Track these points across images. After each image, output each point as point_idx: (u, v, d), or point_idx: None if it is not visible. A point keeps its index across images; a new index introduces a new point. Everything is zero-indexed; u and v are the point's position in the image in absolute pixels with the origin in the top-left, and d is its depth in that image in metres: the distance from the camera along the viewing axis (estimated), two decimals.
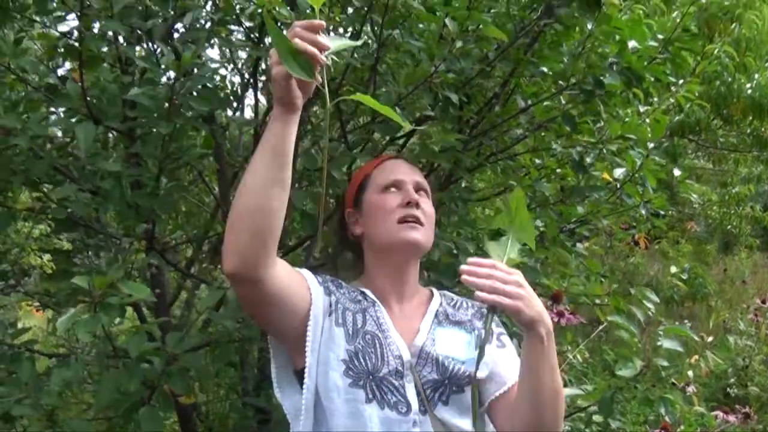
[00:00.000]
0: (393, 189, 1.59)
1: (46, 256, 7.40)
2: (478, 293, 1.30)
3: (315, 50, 1.21)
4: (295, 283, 1.45)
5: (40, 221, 7.02)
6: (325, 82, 1.25)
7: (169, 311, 3.08)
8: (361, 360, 1.45)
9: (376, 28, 2.27)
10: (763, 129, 6.07)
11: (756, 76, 5.53)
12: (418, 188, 1.62)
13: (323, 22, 1.23)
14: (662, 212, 2.85)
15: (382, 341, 1.48)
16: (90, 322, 1.54)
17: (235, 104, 3.55)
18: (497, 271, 1.33)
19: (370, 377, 1.43)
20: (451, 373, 1.49)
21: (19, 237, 6.07)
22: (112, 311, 1.57)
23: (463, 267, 1.34)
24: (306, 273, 1.52)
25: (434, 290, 1.69)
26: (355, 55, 2.15)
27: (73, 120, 2.15)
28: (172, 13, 2.16)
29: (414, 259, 1.62)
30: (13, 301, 4.09)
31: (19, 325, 2.70)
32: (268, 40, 2.86)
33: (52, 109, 2.53)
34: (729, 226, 8.34)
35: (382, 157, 1.74)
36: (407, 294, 1.61)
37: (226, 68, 4.23)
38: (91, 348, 3.07)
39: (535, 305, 1.34)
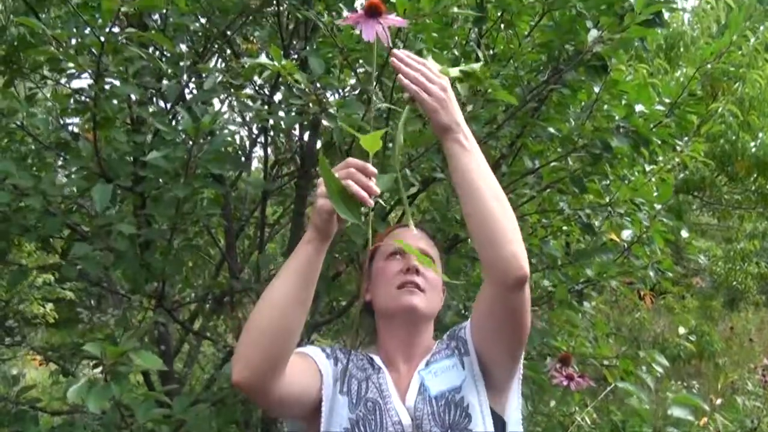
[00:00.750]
0: (397, 256, 1.60)
1: (50, 305, 7.40)
2: (401, 78, 1.32)
3: (366, 195, 1.23)
4: (304, 374, 1.46)
5: (45, 270, 7.01)
6: (370, 223, 1.28)
7: (172, 365, 3.07)
8: (362, 428, 1.44)
9: (385, 90, 2.30)
10: (767, 186, 6.09)
11: (760, 134, 5.58)
12: None
13: (375, 170, 1.27)
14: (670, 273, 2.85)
15: (382, 408, 1.48)
16: (102, 393, 1.52)
17: (244, 161, 3.59)
18: (426, 69, 1.35)
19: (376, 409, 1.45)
20: (452, 420, 1.47)
21: (23, 286, 6.07)
22: (123, 381, 1.57)
23: (396, 52, 1.36)
24: (313, 353, 1.51)
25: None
26: (366, 118, 2.17)
27: (85, 174, 2.18)
28: (185, 74, 2.19)
29: (417, 323, 1.60)
30: (17, 354, 4.07)
31: (23, 379, 2.68)
32: (277, 97, 2.90)
33: (62, 164, 2.56)
34: (734, 282, 8.30)
35: (395, 226, 1.74)
36: (417, 355, 1.60)
37: (235, 123, 4.30)
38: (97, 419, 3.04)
39: (453, 113, 1.37)
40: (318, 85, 2.07)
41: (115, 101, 2.18)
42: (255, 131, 3.76)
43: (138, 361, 1.55)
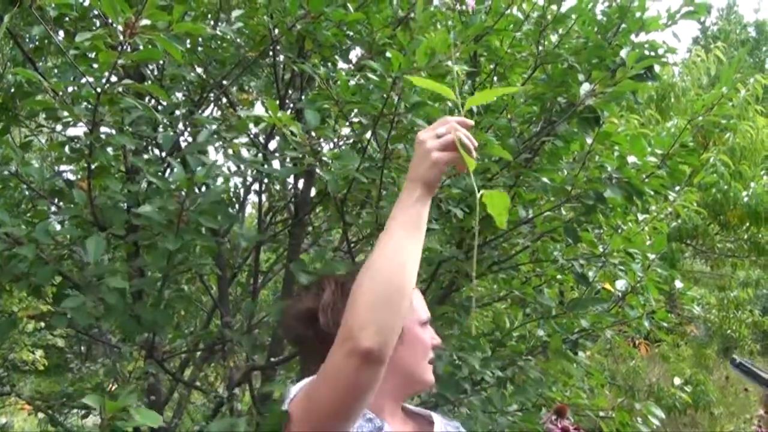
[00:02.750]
0: (427, 325, 1.54)
1: (39, 352, 7.32)
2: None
3: (471, 146, 1.27)
4: None
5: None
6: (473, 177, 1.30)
7: (162, 415, 3.02)
8: None
9: (380, 141, 2.31)
10: (760, 235, 6.11)
11: (752, 184, 5.62)
12: None
13: (472, 122, 1.30)
14: (665, 323, 2.84)
15: None
16: None
17: (238, 214, 3.59)
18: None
19: None
20: None
21: (13, 333, 6.02)
22: None
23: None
24: None
25: (432, 413, 1.66)
26: (360, 169, 2.18)
27: (78, 223, 2.17)
28: (181, 126, 2.21)
29: None
30: (5, 402, 4.01)
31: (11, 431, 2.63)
32: (272, 145, 2.92)
33: (55, 210, 2.56)
34: (729, 331, 8.28)
35: None
36: (399, 415, 1.57)
37: (230, 171, 4.31)
38: None
39: None
40: (313, 135, 2.09)
41: (110, 150, 2.19)
42: (249, 179, 3.78)
43: (138, 417, 1.52)
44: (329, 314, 1.43)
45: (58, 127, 2.68)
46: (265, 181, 3.96)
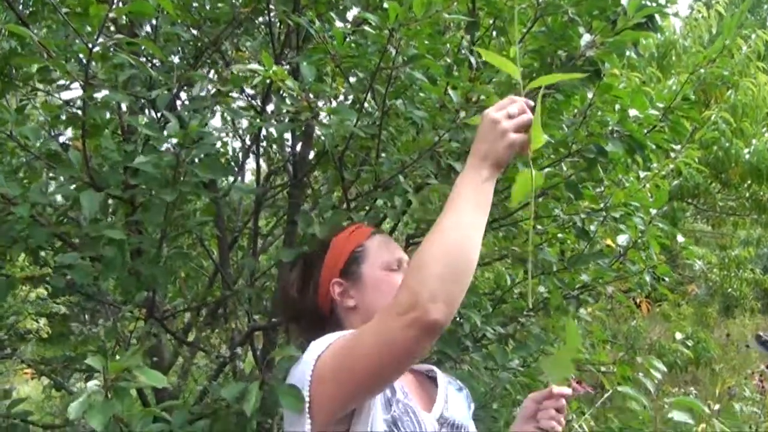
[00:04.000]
0: (397, 268, 1.56)
1: (43, 320, 7.36)
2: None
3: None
4: None
5: (37, 285, 7.00)
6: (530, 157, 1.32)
7: (166, 379, 3.03)
8: (401, 428, 1.40)
9: (378, 98, 2.29)
10: (761, 193, 6.09)
11: (754, 141, 5.58)
12: None
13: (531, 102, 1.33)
14: (666, 278, 2.83)
15: (414, 410, 1.45)
16: (104, 409, 1.48)
17: (236, 170, 3.57)
18: None
19: None
20: None
21: (16, 301, 6.05)
22: (125, 396, 1.53)
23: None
24: None
25: (432, 368, 1.67)
26: (359, 125, 2.15)
27: (74, 187, 2.15)
28: (176, 83, 2.18)
29: None
30: (8, 368, 4.02)
31: (14, 394, 2.64)
32: (270, 107, 2.89)
33: (52, 175, 2.54)
34: (730, 289, 8.30)
35: (362, 228, 1.65)
36: None
37: (228, 134, 4.28)
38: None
39: None
40: (310, 93, 2.06)
41: (105, 111, 2.16)
42: (248, 141, 3.75)
43: (142, 378, 1.52)
44: (294, 292, 1.59)
45: (53, 92, 2.67)
46: (263, 144, 3.94)
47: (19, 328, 6.17)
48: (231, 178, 3.33)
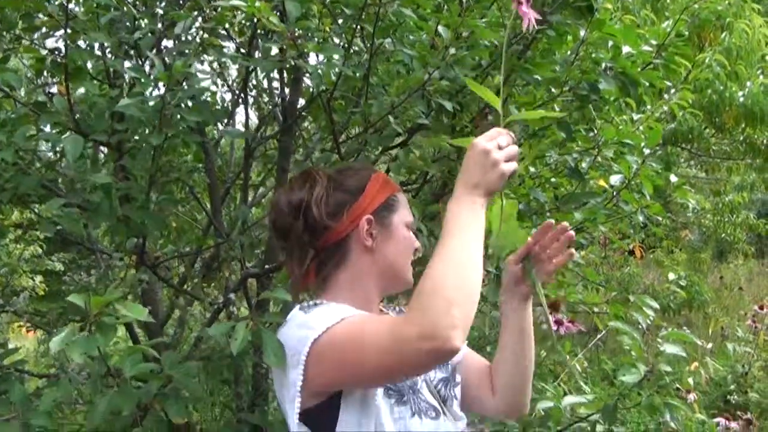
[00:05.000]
0: (410, 229, 1.57)
1: (38, 278, 7.36)
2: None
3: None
4: None
5: (31, 242, 6.99)
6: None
7: (162, 330, 3.04)
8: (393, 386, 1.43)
9: (367, 38, 2.25)
10: (755, 136, 6.06)
11: (748, 83, 5.53)
12: None
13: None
14: (659, 218, 2.83)
15: None
16: (85, 343, 1.48)
17: (225, 120, 3.53)
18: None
19: (411, 391, 1.43)
20: (451, 366, 1.56)
21: (11, 258, 6.03)
22: (108, 331, 1.52)
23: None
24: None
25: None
26: (347, 65, 2.12)
27: (60, 133, 2.12)
28: (160, 26, 2.13)
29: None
30: (2, 321, 4.03)
31: (10, 346, 2.64)
32: (257, 53, 2.84)
33: (41, 127, 2.51)
34: (723, 235, 8.32)
35: (392, 183, 1.61)
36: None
37: (217, 85, 4.23)
38: (82, 369, 3.02)
39: None
40: (296, 31, 2.02)
41: (87, 53, 2.12)
42: (236, 87, 3.71)
43: (124, 311, 1.51)
44: (321, 207, 1.47)
45: (37, 39, 2.61)
46: (253, 93, 3.90)
47: (14, 286, 6.17)
48: (220, 127, 3.30)
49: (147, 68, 2.20)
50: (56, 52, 2.51)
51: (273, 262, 2.93)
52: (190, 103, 2.06)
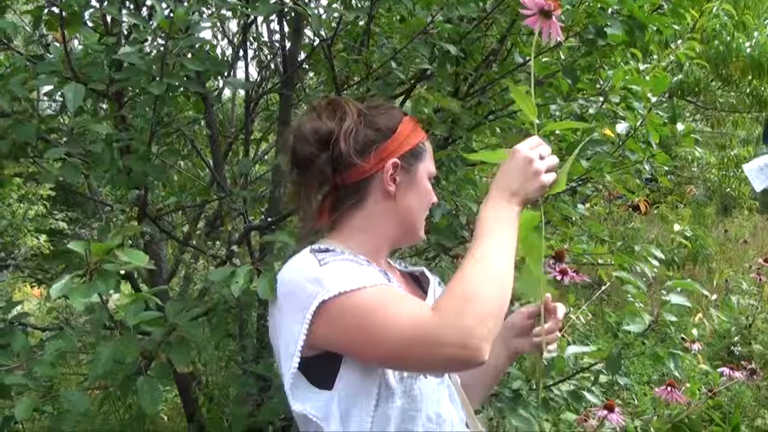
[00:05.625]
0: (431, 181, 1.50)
1: (43, 237, 7.38)
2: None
3: None
4: None
5: (35, 202, 6.98)
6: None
7: (166, 284, 3.03)
8: None
9: None
10: (762, 88, 5.99)
11: (755, 34, 5.45)
12: None
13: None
14: (666, 168, 2.80)
15: None
16: (86, 290, 1.46)
17: (226, 73, 3.49)
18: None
19: None
20: None
21: (16, 218, 6.04)
22: (109, 279, 1.50)
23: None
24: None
25: (423, 269, 1.62)
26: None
27: (59, 84, 2.09)
28: None
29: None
30: (7, 279, 4.04)
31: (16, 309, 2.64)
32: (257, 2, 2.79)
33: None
34: (728, 189, 8.28)
35: (421, 129, 1.49)
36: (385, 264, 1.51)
37: (217, 39, 4.17)
38: (86, 322, 3.03)
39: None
40: None
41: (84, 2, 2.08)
42: (236, 43, 3.66)
43: (124, 257, 1.49)
44: (350, 142, 1.37)
45: None
46: (253, 46, 3.85)
47: (19, 245, 6.18)
48: (221, 81, 3.26)
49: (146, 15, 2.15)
50: (54, 3, 2.47)
51: (276, 216, 2.92)
52: (189, 55, 2.03)
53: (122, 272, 1.88)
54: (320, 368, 1.29)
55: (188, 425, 2.71)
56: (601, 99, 2.45)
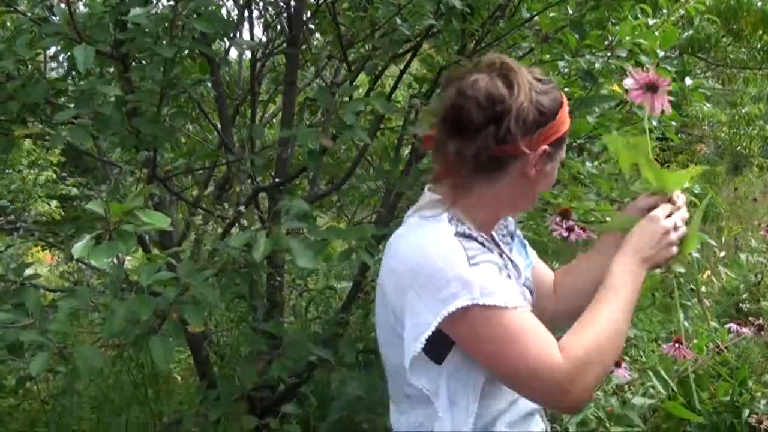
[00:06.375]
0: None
1: (54, 203, 7.42)
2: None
3: None
4: None
5: (45, 168, 7.00)
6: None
7: (176, 244, 3.05)
8: None
9: None
10: None
11: None
12: None
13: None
14: (674, 124, 2.78)
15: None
16: (106, 250, 1.48)
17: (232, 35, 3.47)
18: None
19: None
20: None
21: (26, 185, 6.08)
22: (128, 240, 1.51)
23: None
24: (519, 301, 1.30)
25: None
26: None
27: (65, 47, 2.09)
28: None
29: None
30: (19, 243, 4.06)
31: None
32: None
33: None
34: (739, 147, 8.21)
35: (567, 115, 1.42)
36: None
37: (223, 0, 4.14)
38: (100, 284, 3.06)
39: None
40: None
41: None
42: (241, 4, 3.63)
43: (145, 218, 1.50)
44: (520, 121, 1.29)
45: None
46: (259, 6, 3.82)
47: (29, 210, 6.22)
48: (226, 43, 3.25)
49: None
50: None
51: (283, 178, 2.93)
52: (195, 16, 2.03)
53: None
54: (436, 343, 1.29)
55: (200, 383, 2.75)
56: (608, 54, 2.42)
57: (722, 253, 3.57)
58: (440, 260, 1.26)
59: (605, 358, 1.27)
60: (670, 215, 1.39)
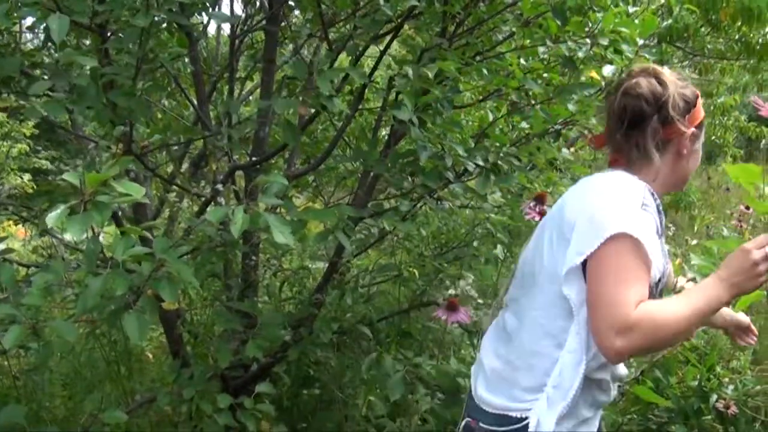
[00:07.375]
0: None
1: (27, 176, 7.31)
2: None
3: None
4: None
5: (18, 140, 6.88)
6: None
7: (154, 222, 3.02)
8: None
9: None
10: (751, 35, 5.95)
11: None
12: None
13: None
14: None
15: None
16: (81, 220, 1.46)
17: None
18: None
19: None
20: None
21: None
22: (104, 210, 1.50)
23: None
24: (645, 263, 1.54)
25: None
26: None
27: (40, 18, 2.05)
28: None
29: None
30: None
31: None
32: None
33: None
34: (713, 137, 8.28)
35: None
36: None
37: None
38: (75, 259, 3.03)
39: None
40: None
41: None
42: None
43: (120, 189, 1.49)
44: (677, 106, 1.66)
45: None
46: None
47: (2, 182, 6.14)
48: (205, 17, 3.20)
49: None
50: None
51: (260, 156, 2.91)
52: None
53: None
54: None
55: (173, 361, 2.74)
56: (589, 42, 2.43)
57: (694, 242, 3.61)
58: (623, 194, 1.55)
59: (653, 339, 1.44)
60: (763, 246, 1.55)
